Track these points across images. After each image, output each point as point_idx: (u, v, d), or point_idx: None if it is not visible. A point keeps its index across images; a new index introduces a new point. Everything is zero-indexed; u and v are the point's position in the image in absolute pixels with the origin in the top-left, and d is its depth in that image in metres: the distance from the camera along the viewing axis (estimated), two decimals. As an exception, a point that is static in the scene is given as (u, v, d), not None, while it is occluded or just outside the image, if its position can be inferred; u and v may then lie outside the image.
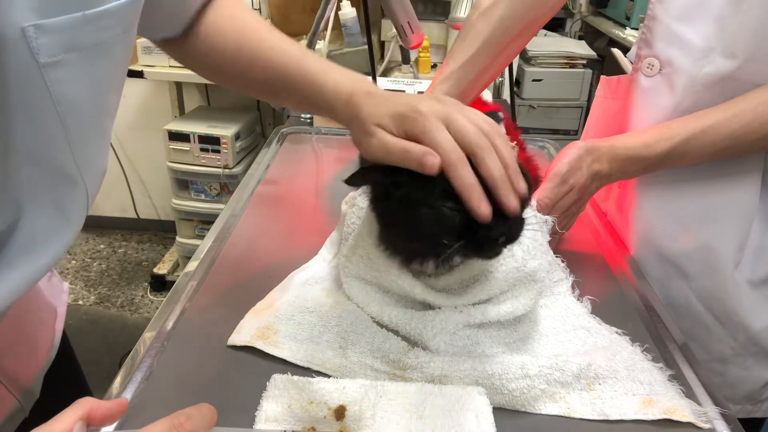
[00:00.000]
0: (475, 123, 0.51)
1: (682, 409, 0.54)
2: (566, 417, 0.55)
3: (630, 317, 0.69)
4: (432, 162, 0.48)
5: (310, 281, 0.70)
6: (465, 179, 0.49)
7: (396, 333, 0.61)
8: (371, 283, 0.64)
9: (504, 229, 0.51)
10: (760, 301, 0.77)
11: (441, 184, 0.50)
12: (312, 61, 0.63)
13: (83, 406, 0.38)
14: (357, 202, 0.71)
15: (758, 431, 0.90)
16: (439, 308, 0.60)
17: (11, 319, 0.61)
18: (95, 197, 0.52)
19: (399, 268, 0.60)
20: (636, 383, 0.57)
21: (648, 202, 0.81)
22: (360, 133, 0.55)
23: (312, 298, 0.67)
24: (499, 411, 0.54)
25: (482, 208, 0.48)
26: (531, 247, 0.62)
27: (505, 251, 0.56)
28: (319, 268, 0.73)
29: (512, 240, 0.53)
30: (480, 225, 0.50)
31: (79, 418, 0.37)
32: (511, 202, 0.49)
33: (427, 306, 0.61)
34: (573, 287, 0.71)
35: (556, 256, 0.72)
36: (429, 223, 0.52)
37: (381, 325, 0.62)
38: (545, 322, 0.65)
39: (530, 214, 0.62)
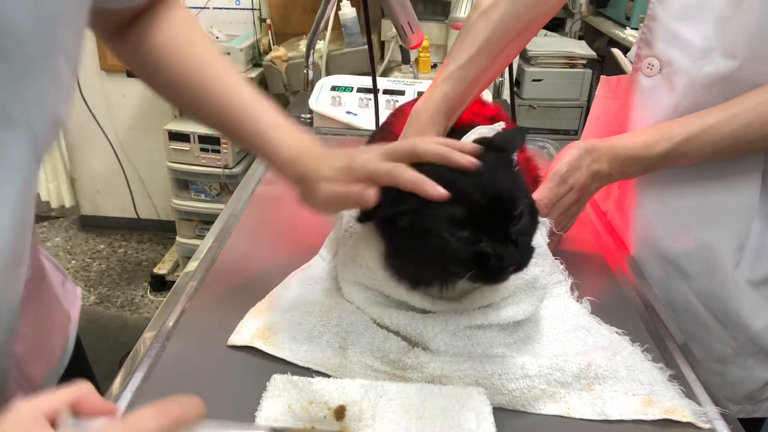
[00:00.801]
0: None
1: (682, 409, 0.54)
2: (566, 417, 0.55)
3: (630, 317, 0.69)
4: (369, 195, 0.53)
5: (310, 281, 0.70)
6: (411, 177, 0.53)
7: (396, 333, 0.61)
8: (370, 288, 0.64)
9: (516, 258, 0.52)
10: (760, 301, 0.77)
11: (448, 212, 0.51)
12: (263, 114, 0.64)
13: (77, 391, 0.38)
14: None
15: (758, 431, 0.90)
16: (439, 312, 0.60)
17: (32, 325, 0.61)
18: (47, 150, 0.48)
19: (407, 291, 0.61)
20: (636, 383, 0.57)
21: (648, 202, 0.81)
22: (307, 191, 0.60)
23: (312, 298, 0.67)
24: (499, 411, 0.54)
25: (438, 190, 0.51)
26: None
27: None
28: (319, 267, 0.73)
29: (522, 268, 0.54)
30: (490, 254, 0.51)
31: (69, 402, 0.37)
32: (466, 159, 0.52)
33: (424, 309, 0.61)
34: (572, 289, 0.71)
35: (555, 258, 0.72)
36: (439, 253, 0.53)
37: (381, 326, 0.61)
38: (545, 322, 0.65)
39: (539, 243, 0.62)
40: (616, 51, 0.95)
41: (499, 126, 0.70)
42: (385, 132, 0.93)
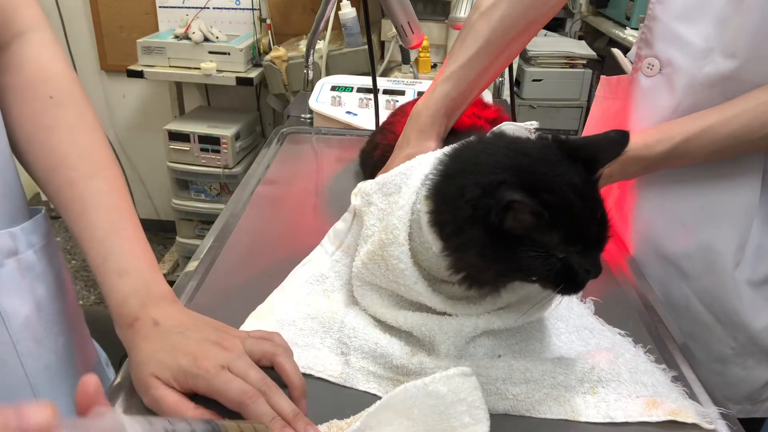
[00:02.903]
0: (259, 351, 0.52)
1: (686, 411, 0.54)
2: (571, 420, 0.54)
3: (630, 317, 0.69)
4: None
5: (312, 280, 0.69)
6: (264, 416, 0.48)
7: (407, 335, 0.60)
8: (385, 290, 0.62)
9: (598, 267, 0.52)
10: (760, 301, 0.77)
11: (561, 229, 0.49)
12: (117, 252, 0.56)
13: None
14: (374, 200, 0.64)
15: (758, 431, 0.90)
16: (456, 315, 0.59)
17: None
18: None
19: (431, 292, 0.58)
20: (639, 385, 0.56)
21: (648, 202, 0.81)
22: (136, 377, 0.52)
23: (314, 301, 0.66)
24: (503, 417, 0.54)
25: None
26: None
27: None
28: (321, 262, 0.72)
29: (599, 274, 0.53)
30: (590, 271, 0.51)
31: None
32: None
33: (443, 312, 0.60)
34: None
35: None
36: (537, 266, 0.50)
37: (384, 331, 0.60)
38: (547, 323, 0.65)
39: None
40: (616, 51, 0.95)
41: (530, 125, 0.67)
42: (386, 132, 0.93)
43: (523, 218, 0.48)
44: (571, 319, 0.66)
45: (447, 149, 0.59)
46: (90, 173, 0.59)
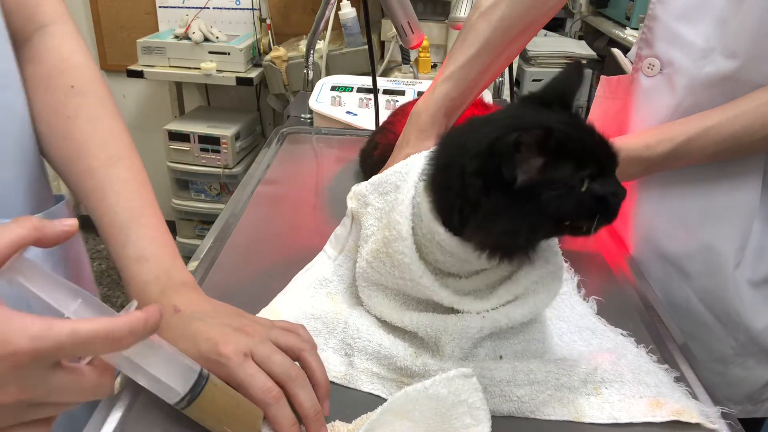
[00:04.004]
0: (285, 344, 0.51)
1: (690, 410, 0.54)
2: (576, 422, 0.54)
3: (630, 317, 0.69)
4: None
5: (315, 284, 0.69)
6: (284, 421, 0.48)
7: (405, 338, 0.60)
8: (391, 290, 0.62)
9: (621, 188, 0.51)
10: (760, 300, 0.77)
11: (573, 161, 0.49)
12: (136, 239, 0.56)
13: (21, 228, 0.38)
14: (370, 201, 0.65)
15: (758, 431, 0.90)
16: (462, 313, 0.58)
17: None
18: None
19: (438, 286, 0.57)
20: (642, 386, 0.56)
21: (648, 202, 0.81)
22: None
23: (318, 303, 0.66)
24: (508, 419, 0.54)
25: None
26: (552, 244, 0.60)
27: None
28: (324, 266, 0.72)
29: (625, 194, 0.52)
30: (609, 196, 0.50)
31: (19, 244, 0.37)
32: None
33: (450, 310, 0.59)
34: (579, 287, 0.71)
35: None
36: (561, 206, 0.49)
37: (388, 332, 0.60)
38: (550, 323, 0.65)
39: None
40: (616, 51, 0.95)
41: None
42: (386, 132, 0.93)
43: (532, 152, 0.48)
44: (573, 320, 0.66)
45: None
46: (110, 162, 0.59)
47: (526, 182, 0.49)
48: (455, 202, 0.53)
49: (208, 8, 2.43)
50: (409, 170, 0.60)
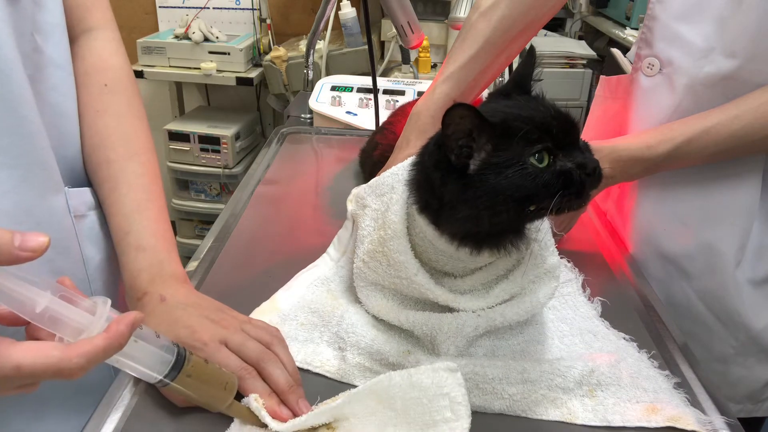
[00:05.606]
0: (256, 337, 0.55)
1: (686, 417, 0.53)
2: (567, 423, 0.54)
3: (630, 317, 0.69)
4: None
5: (317, 282, 0.70)
6: (260, 391, 0.51)
7: (400, 335, 0.60)
8: (388, 289, 0.62)
9: (594, 162, 0.51)
10: (761, 300, 0.77)
11: (523, 140, 0.49)
12: (138, 229, 0.60)
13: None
14: (368, 203, 0.66)
15: (758, 431, 0.90)
16: (458, 311, 0.59)
17: None
18: None
19: (434, 284, 0.58)
20: (640, 390, 0.56)
21: (648, 202, 0.81)
22: None
23: (316, 299, 0.66)
24: (499, 416, 0.54)
25: (280, 413, 0.50)
26: (548, 242, 0.60)
27: (522, 247, 0.56)
28: (326, 267, 0.72)
29: (601, 174, 0.52)
30: (572, 169, 0.50)
31: None
32: (301, 408, 0.51)
33: (446, 309, 0.60)
34: (583, 286, 0.71)
35: (561, 257, 0.72)
36: (519, 185, 0.49)
37: (383, 330, 0.61)
38: (551, 324, 0.65)
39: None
40: (615, 51, 0.95)
41: None
42: (386, 132, 0.93)
43: (462, 121, 0.49)
44: (575, 322, 0.66)
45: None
46: (128, 156, 0.64)
47: (479, 167, 0.50)
48: (430, 198, 0.55)
49: (208, 8, 2.43)
50: (404, 171, 0.61)
